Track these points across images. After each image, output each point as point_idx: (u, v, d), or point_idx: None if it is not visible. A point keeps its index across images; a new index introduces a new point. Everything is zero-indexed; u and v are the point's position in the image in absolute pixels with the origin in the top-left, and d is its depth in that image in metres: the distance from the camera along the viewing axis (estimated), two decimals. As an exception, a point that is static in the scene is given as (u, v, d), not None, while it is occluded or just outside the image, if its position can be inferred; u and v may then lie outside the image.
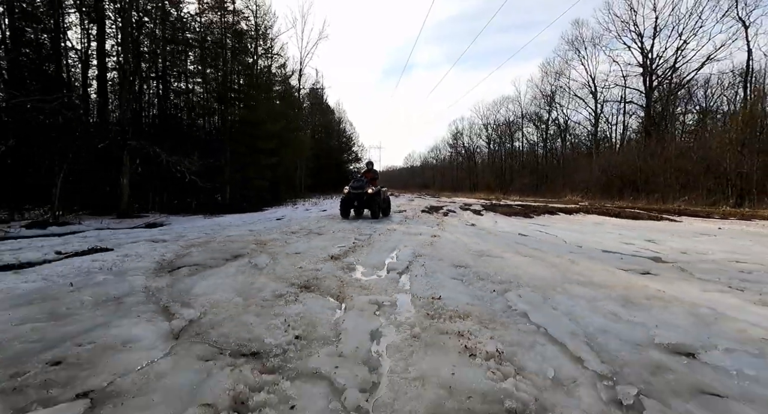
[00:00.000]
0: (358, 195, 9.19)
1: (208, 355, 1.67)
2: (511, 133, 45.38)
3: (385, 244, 5.13)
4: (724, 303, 2.53)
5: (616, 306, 2.43)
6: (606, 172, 25.85)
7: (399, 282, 3.10)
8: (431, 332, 1.97)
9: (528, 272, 3.42)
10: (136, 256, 3.92)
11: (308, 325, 2.04)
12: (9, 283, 2.71)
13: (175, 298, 2.55)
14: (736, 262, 4.13)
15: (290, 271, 3.37)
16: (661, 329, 2.00)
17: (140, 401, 1.29)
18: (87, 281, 2.87)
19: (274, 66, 22.75)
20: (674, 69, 29.52)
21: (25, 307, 2.24)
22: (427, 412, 1.26)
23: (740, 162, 17.45)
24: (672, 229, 7.79)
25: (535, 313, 2.27)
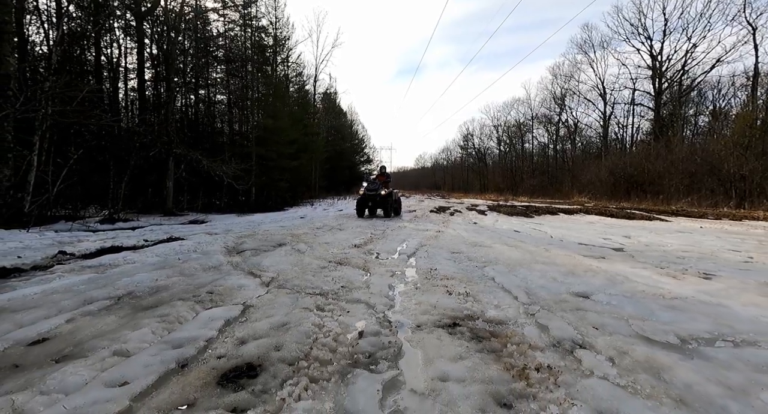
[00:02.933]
0: (372, 196, 10.35)
1: (292, 293, 2.80)
2: (522, 135, 45.99)
3: (396, 237, 6.24)
4: (638, 274, 3.56)
5: (559, 275, 3.48)
6: (613, 174, 26.38)
7: (407, 261, 4.21)
8: (427, 285, 3.08)
9: (506, 256, 4.49)
10: (206, 243, 5.12)
11: (348, 281, 3.16)
12: (139, 257, 3.92)
13: (252, 267, 3.71)
14: (682, 252, 5.11)
15: (325, 254, 4.51)
16: (578, 286, 3.06)
17: (262, 319, 2.41)
18: (187, 258, 4.06)
19: (291, 74, 24.19)
20: (684, 71, 29.87)
21: (162, 270, 3.42)
22: (421, 313, 2.37)
23: (741, 164, 17.97)
24: (654, 228, 8.69)
25: (499, 278, 3.35)
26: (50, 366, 1.59)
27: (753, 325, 2.16)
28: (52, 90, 8.10)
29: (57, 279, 3.02)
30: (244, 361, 1.64)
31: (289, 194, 16.71)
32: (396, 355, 1.77)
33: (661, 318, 2.29)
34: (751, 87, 23.71)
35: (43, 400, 1.31)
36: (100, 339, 1.87)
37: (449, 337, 1.98)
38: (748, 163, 17.76)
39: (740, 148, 18.87)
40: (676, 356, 1.77)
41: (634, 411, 1.31)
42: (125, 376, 1.49)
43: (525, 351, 1.81)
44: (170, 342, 1.84)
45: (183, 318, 2.19)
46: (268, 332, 1.98)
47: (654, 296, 2.77)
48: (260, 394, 1.40)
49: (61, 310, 2.28)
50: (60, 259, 3.95)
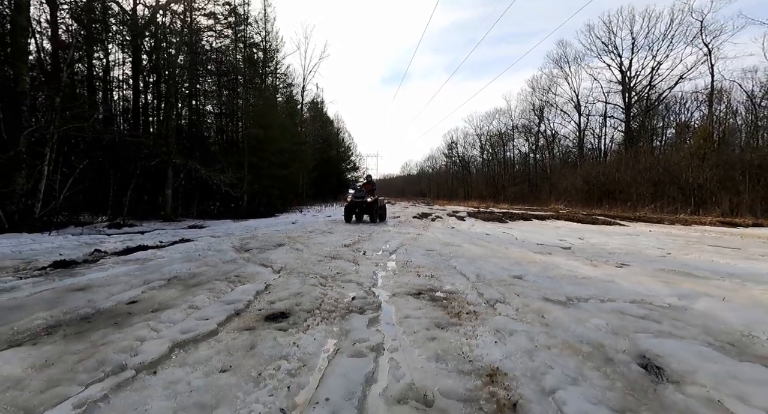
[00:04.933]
0: (359, 203, 11.27)
1: (300, 276, 3.68)
2: (503, 144, 47.77)
3: (381, 239, 7.16)
4: (569, 264, 4.56)
5: (507, 265, 4.45)
6: (587, 182, 27.93)
7: (389, 256, 5.12)
8: (402, 272, 4.00)
9: (471, 252, 5.46)
10: (216, 243, 5.93)
11: (341, 270, 4.05)
12: (166, 253, 4.72)
13: (262, 260, 4.56)
14: (617, 250, 6.18)
15: (320, 252, 5.38)
16: (518, 272, 4.02)
17: (282, 291, 3.28)
18: (205, 254, 4.88)
19: (280, 85, 25.05)
20: (651, 86, 32.01)
21: (190, 263, 4.24)
22: (396, 287, 3.28)
23: (698, 174, 19.61)
24: (609, 231, 9.85)
25: (460, 267, 4.29)
26: (152, 312, 2.43)
27: (621, 293, 3.15)
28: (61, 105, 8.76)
29: (111, 268, 3.82)
30: (278, 311, 2.52)
31: (280, 201, 17.46)
32: (377, 308, 2.67)
33: (564, 289, 3.26)
34: (708, 103, 25.75)
35: (161, 326, 2.16)
36: (173, 301, 2.71)
37: (414, 299, 2.90)
38: (704, 173, 19.41)
39: (697, 159, 20.56)
40: (559, 306, 2.73)
41: (515, 327, 2.25)
42: (205, 316, 2.35)
43: (463, 305, 2.75)
44: (223, 301, 2.70)
45: (224, 291, 3.04)
46: (289, 297, 2.86)
47: (569, 277, 3.76)
48: (293, 324, 2.28)
49: (132, 286, 3.10)
50: (97, 256, 4.71)
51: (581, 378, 1.65)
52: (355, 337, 2.07)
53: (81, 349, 1.83)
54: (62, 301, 2.62)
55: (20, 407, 1.33)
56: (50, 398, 1.39)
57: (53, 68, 13.23)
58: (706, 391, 1.54)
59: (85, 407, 1.33)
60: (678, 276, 3.94)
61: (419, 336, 2.11)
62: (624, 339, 2.11)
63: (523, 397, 1.48)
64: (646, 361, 1.84)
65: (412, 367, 1.74)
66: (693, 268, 4.36)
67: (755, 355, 1.91)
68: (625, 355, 1.90)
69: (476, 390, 1.53)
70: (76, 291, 2.91)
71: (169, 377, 1.57)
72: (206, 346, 1.92)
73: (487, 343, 2.01)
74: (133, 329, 2.09)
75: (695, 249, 6.37)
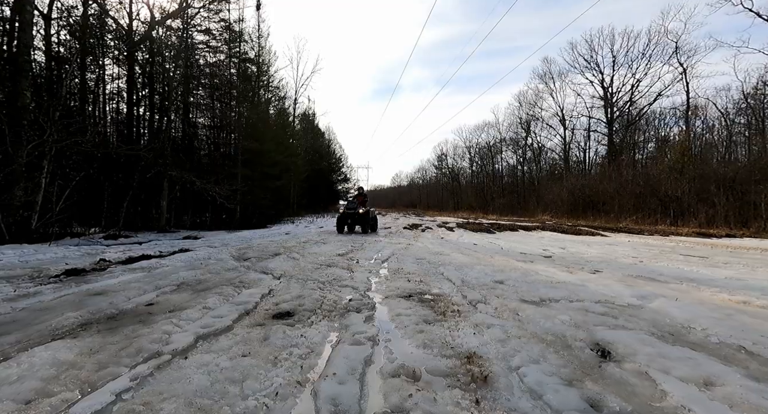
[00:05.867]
0: (351, 214, 11.62)
1: (299, 282, 3.98)
2: (492, 156, 48.82)
3: (373, 248, 7.49)
4: (547, 270, 4.95)
5: (491, 271, 4.82)
6: (573, 194, 28.73)
7: (381, 264, 5.45)
8: (394, 278, 4.33)
9: (458, 260, 5.82)
10: (214, 253, 6.18)
11: (337, 276, 4.37)
12: (169, 262, 4.98)
13: (262, 268, 4.85)
14: (594, 258, 6.61)
15: (316, 260, 5.68)
16: (499, 277, 4.39)
17: (285, 294, 3.58)
18: (206, 263, 5.14)
19: (273, 98, 25.50)
20: (631, 102, 33.34)
21: (194, 270, 4.51)
22: (388, 291, 3.61)
23: (676, 187, 20.45)
24: (590, 241, 10.34)
25: (447, 273, 4.64)
26: (170, 312, 2.72)
27: (589, 295, 3.54)
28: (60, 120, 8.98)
29: (121, 275, 4.07)
30: (284, 310, 2.83)
31: (273, 212, 17.68)
32: (372, 307, 3.00)
33: (540, 292, 3.64)
34: (685, 119, 27.00)
35: (182, 323, 2.46)
36: (187, 303, 3.00)
37: (405, 301, 3.24)
38: (682, 185, 20.26)
39: (675, 173, 21.46)
40: (533, 306, 3.10)
41: (492, 322, 2.60)
42: (219, 314, 2.65)
43: (448, 305, 3.09)
44: (233, 303, 3.00)
45: (232, 294, 3.34)
46: (292, 299, 3.17)
47: (546, 282, 4.14)
48: (298, 321, 2.60)
49: (145, 291, 3.37)
50: (103, 264, 4.94)
51: (542, 359, 2.00)
52: (354, 330, 2.40)
53: (118, 341, 2.12)
54: (86, 304, 2.89)
55: (84, 381, 1.63)
56: (106, 375, 1.68)
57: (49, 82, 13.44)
58: (638, 367, 1.91)
59: (138, 380, 1.64)
60: (642, 281, 4.36)
61: (409, 329, 2.44)
62: (583, 331, 2.48)
63: (493, 372, 1.82)
64: (598, 347, 2.21)
65: (403, 352, 2.07)
66: (658, 274, 4.79)
67: (686, 341, 2.30)
68: (582, 342, 2.26)
69: (455, 368, 1.87)
70: (96, 295, 3.18)
71: (199, 361, 1.87)
72: (225, 338, 2.23)
73: (467, 335, 2.36)
74: (158, 325, 2.38)
75: (666, 257, 6.84)
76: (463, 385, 1.70)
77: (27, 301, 2.92)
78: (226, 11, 17.49)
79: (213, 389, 1.58)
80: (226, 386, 1.61)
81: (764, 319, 2.77)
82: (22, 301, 2.92)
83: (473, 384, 1.71)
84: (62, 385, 1.59)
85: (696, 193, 19.74)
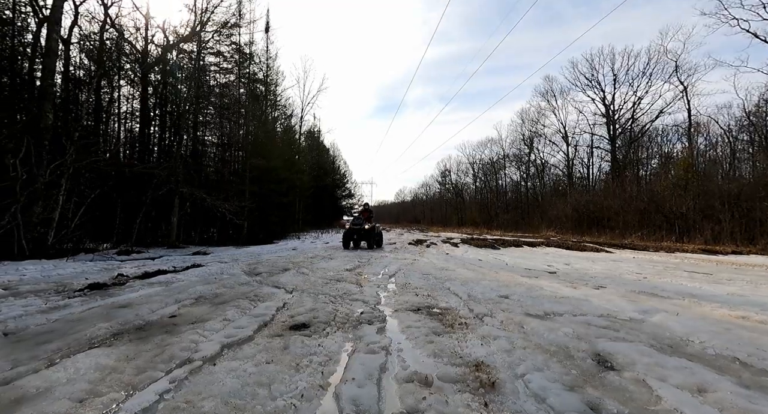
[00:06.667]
0: (357, 230, 11.80)
1: (311, 296, 4.14)
2: (495, 172, 49.14)
3: (379, 263, 7.63)
4: (551, 286, 5.07)
5: (496, 286, 4.94)
6: (577, 210, 28.75)
7: (389, 279, 5.60)
8: (402, 292, 4.48)
9: (464, 276, 5.95)
10: (226, 268, 6.36)
11: (347, 291, 4.52)
12: (185, 277, 5.16)
13: (274, 283, 5.01)
14: (599, 274, 6.71)
15: (325, 275, 5.84)
16: (505, 292, 4.52)
17: (299, 307, 3.74)
18: (220, 278, 5.32)
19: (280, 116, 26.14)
20: (633, 119, 33.71)
21: (209, 285, 4.68)
22: (398, 305, 3.75)
23: (681, 203, 20.48)
24: (595, 257, 10.40)
25: (453, 288, 4.78)
26: (194, 323, 2.88)
27: (592, 309, 3.66)
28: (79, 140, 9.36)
29: (141, 289, 4.25)
30: (299, 322, 2.99)
31: (279, 228, 17.91)
32: (383, 320, 3.15)
33: (544, 306, 3.76)
34: (687, 136, 27.23)
35: (207, 333, 2.62)
36: (208, 315, 3.17)
37: (414, 314, 3.38)
38: (686, 202, 20.29)
39: (680, 189, 21.52)
40: (537, 319, 3.23)
41: (498, 334, 2.74)
42: (240, 325, 2.82)
43: (456, 318, 3.23)
44: (251, 315, 3.16)
45: (248, 307, 3.50)
46: (306, 312, 3.33)
47: (550, 297, 4.26)
48: (314, 332, 2.75)
49: (167, 304, 3.55)
50: (122, 279, 5.13)
51: (546, 367, 2.13)
52: (368, 340, 2.55)
53: (150, 348, 2.29)
54: (113, 316, 3.06)
55: (128, 383, 1.79)
56: (145, 378, 1.85)
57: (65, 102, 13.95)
58: (636, 375, 2.04)
59: (176, 383, 1.80)
60: (645, 296, 4.47)
61: (420, 340, 2.59)
62: (585, 342, 2.61)
63: (500, 378, 1.96)
64: (599, 357, 2.34)
65: (415, 360, 2.22)
66: (661, 290, 4.89)
67: (684, 353, 2.42)
68: (584, 353, 2.40)
69: (465, 375, 2.02)
70: (121, 308, 3.35)
71: (227, 367, 2.03)
72: (248, 347, 2.38)
73: (475, 345, 2.50)
74: (185, 335, 2.55)
75: (671, 274, 6.91)
76: (473, 390, 1.84)
77: (59, 313, 3.10)
78: (237, 35, 18.23)
79: (244, 391, 1.74)
80: (255, 389, 1.77)
81: (761, 333, 2.88)
82: (54, 313, 3.10)
83: (482, 389, 1.85)
84: (109, 387, 1.75)
85: (701, 210, 19.73)
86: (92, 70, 14.82)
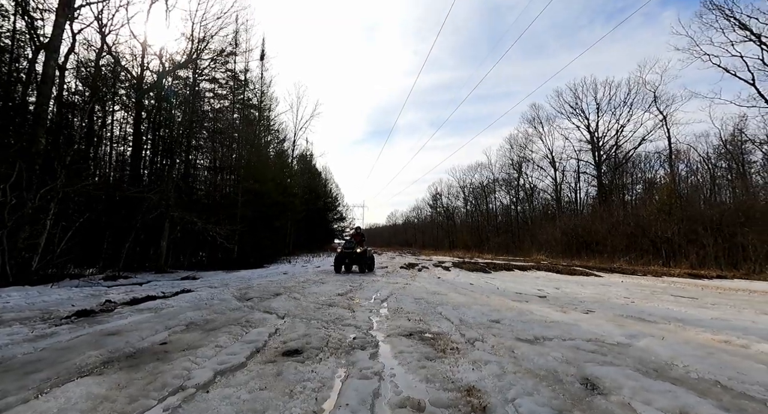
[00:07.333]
0: (349, 253, 11.79)
1: (303, 321, 4.13)
2: (486, 196, 49.81)
3: (371, 288, 7.62)
4: (542, 310, 5.13)
5: (487, 311, 4.98)
6: (566, 234, 29.09)
7: (381, 304, 5.60)
8: (394, 317, 4.49)
9: (455, 300, 5.98)
10: (217, 293, 6.29)
11: (339, 316, 4.51)
12: (175, 303, 5.10)
13: (265, 308, 4.98)
14: (587, 298, 6.79)
15: (317, 300, 5.82)
16: (496, 316, 4.56)
17: (291, 333, 3.73)
18: (211, 303, 5.26)
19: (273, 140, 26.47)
20: (617, 146, 34.87)
21: (200, 311, 4.63)
22: (390, 330, 3.77)
23: (666, 228, 20.93)
24: (584, 281, 10.51)
25: (445, 312, 4.80)
26: (185, 350, 2.86)
27: (581, 333, 3.72)
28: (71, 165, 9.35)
29: (130, 316, 4.20)
30: (292, 348, 2.99)
31: (270, 251, 17.76)
32: (375, 345, 3.17)
33: (534, 331, 3.81)
34: (669, 163, 28.23)
35: (199, 360, 2.62)
36: (199, 341, 3.15)
37: (407, 339, 3.41)
38: (671, 227, 20.75)
39: (664, 214, 22.05)
40: (527, 344, 3.28)
41: (489, 359, 2.78)
42: (232, 352, 2.81)
43: (448, 343, 3.26)
44: (244, 341, 3.15)
45: (240, 333, 3.48)
46: (299, 337, 3.33)
47: (540, 321, 4.32)
48: (307, 358, 2.76)
49: (157, 330, 3.51)
50: (110, 306, 5.04)
51: (535, 392, 2.18)
52: (361, 366, 2.56)
53: (142, 376, 2.27)
54: (103, 343, 3.03)
55: (120, 412, 1.79)
56: (138, 407, 1.85)
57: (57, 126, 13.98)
58: (622, 399, 2.10)
59: (170, 411, 1.80)
60: (632, 320, 4.55)
61: (412, 365, 2.62)
62: (574, 367, 2.66)
63: (491, 403, 2.00)
64: (586, 381, 2.40)
65: (408, 386, 2.25)
66: (648, 315, 4.98)
67: (668, 377, 2.49)
68: (572, 377, 2.45)
69: (456, 400, 2.05)
70: (110, 335, 3.31)
71: (221, 394, 2.04)
72: (241, 373, 2.39)
73: (466, 370, 2.54)
74: (177, 362, 2.54)
75: (657, 298, 7.04)
76: (464, 415, 1.87)
77: (46, 342, 3.06)
78: (233, 62, 18.71)
79: (238, 418, 1.75)
80: (249, 416, 1.78)
81: (742, 357, 2.97)
82: (41, 342, 3.05)
83: (473, 413, 1.89)
84: (101, 415, 1.75)
85: (685, 235, 20.17)
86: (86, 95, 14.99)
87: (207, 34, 15.43)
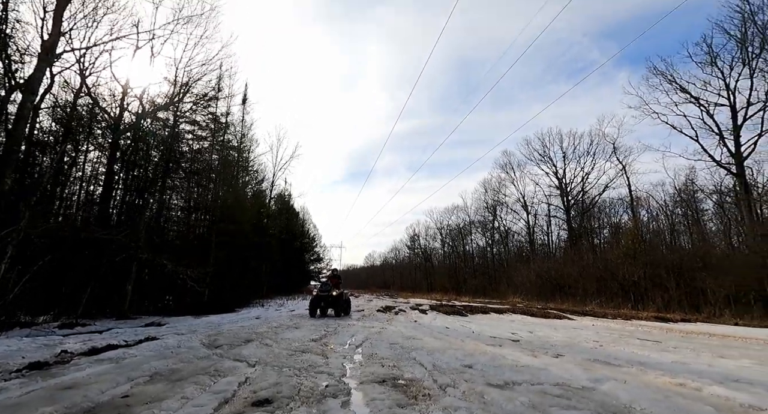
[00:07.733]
0: (324, 297, 11.58)
1: (275, 369, 4.04)
2: (462, 238, 50.54)
3: (346, 333, 7.48)
4: (513, 355, 5.20)
5: (461, 356, 5.01)
6: (540, 277, 29.62)
7: (355, 350, 5.52)
8: (368, 363, 4.45)
9: (430, 345, 5.97)
10: (184, 340, 6.03)
11: (312, 363, 4.43)
12: (137, 352, 4.86)
13: (235, 356, 4.82)
14: (558, 342, 6.92)
15: (290, 347, 5.67)
16: (469, 361, 4.60)
17: (262, 381, 3.64)
18: (177, 351, 5.05)
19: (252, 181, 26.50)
20: (584, 192, 36.84)
21: (166, 360, 4.44)
22: (363, 376, 3.74)
23: (632, 272, 21.75)
24: (557, 325, 10.68)
25: (419, 358, 4.80)
26: (149, 404, 2.76)
27: (549, 378, 3.82)
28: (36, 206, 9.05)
29: (89, 367, 3.98)
30: (262, 398, 2.94)
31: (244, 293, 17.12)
32: (348, 393, 3.15)
33: (505, 375, 3.88)
34: (631, 209, 29.99)
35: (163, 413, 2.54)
36: (164, 393, 3.04)
37: (379, 386, 3.40)
38: (637, 270, 21.61)
39: (630, 258, 22.99)
40: (497, 389, 3.34)
41: (459, 404, 2.83)
42: (199, 404, 2.73)
43: (420, 389, 3.28)
44: (211, 392, 3.07)
45: (208, 384, 3.38)
46: (270, 386, 3.26)
47: (511, 366, 4.39)
48: (277, 408, 2.72)
49: (118, 383, 3.36)
50: (65, 357, 4.74)
51: (501, 437, 2.25)
52: (332, 415, 2.56)
53: (103, 431, 2.19)
54: (58, 398, 2.87)
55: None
56: (99, 463, 1.79)
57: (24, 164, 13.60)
58: (582, 441, 2.19)
59: (133, 466, 1.76)
60: (599, 364, 4.70)
61: (383, 413, 2.63)
62: (540, 412, 2.75)
63: (458, 450, 2.05)
64: (551, 425, 2.48)
65: (378, 434, 2.26)
66: (614, 358, 5.15)
67: (626, 418, 2.61)
68: (537, 421, 2.53)
69: (425, 447, 2.09)
70: (66, 389, 3.14)
71: (187, 448, 2.00)
72: (208, 426, 2.34)
73: (436, 417, 2.57)
74: (140, 415, 2.46)
75: (624, 342, 7.26)
76: (431, 462, 1.91)
77: (-5, 395, 2.88)
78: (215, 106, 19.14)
79: (204, 472, 1.73)
80: (216, 470, 1.76)
81: (693, 400, 3.15)
82: (-10, 395, 2.87)
83: (440, 461, 1.93)
84: (59, 473, 1.69)
85: (650, 278, 21.02)
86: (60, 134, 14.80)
87: (190, 79, 15.81)
